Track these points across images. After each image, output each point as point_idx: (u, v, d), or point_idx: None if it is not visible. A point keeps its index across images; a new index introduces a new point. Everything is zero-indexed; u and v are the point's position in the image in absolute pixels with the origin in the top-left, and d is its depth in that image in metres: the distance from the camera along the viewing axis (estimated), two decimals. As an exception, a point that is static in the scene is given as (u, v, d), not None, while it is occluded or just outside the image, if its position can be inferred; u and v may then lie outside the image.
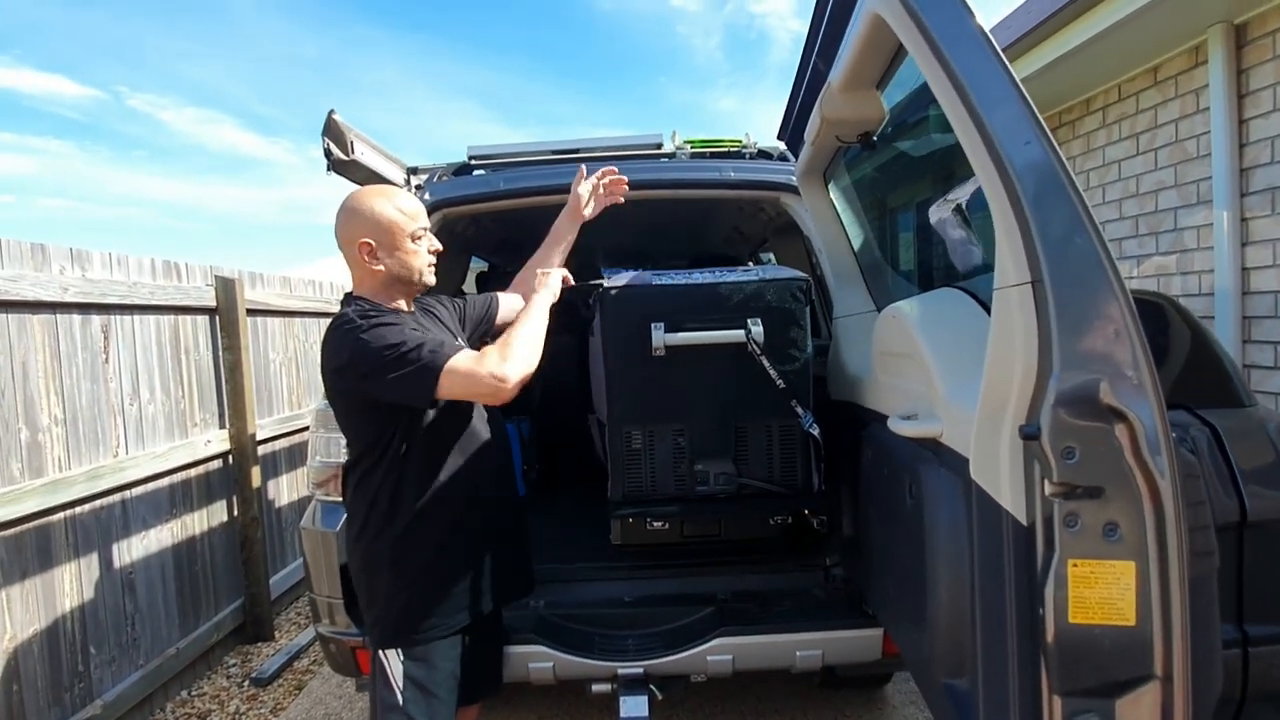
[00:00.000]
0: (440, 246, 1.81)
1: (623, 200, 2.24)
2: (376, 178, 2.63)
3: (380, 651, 1.76)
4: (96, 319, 2.95)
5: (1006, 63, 1.11)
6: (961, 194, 1.88)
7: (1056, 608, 1.03)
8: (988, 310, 1.48)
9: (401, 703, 1.72)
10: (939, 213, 2.10)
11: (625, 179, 2.22)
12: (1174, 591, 1.01)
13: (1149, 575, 1.02)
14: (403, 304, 1.80)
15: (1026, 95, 1.10)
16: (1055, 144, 1.10)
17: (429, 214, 2.69)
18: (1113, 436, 1.02)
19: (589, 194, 2.21)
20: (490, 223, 3.58)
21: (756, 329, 2.12)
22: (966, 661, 1.31)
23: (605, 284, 2.20)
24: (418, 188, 2.78)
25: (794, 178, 2.72)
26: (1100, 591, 1.03)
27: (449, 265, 3.68)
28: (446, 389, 1.56)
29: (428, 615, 1.73)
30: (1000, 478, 1.14)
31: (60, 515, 2.69)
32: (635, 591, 2.46)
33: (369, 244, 1.69)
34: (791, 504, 2.27)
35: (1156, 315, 1.54)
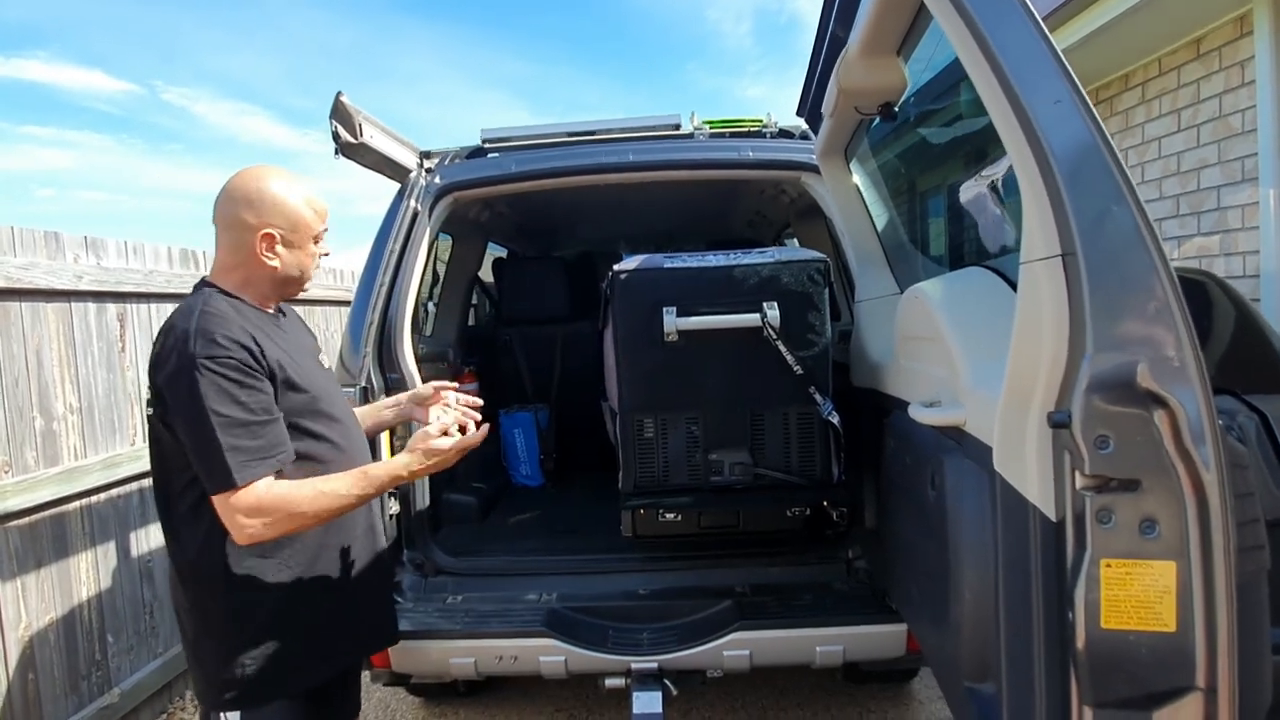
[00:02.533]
0: (329, 251, 1.66)
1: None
2: (386, 161, 2.58)
3: (212, 715, 1.56)
4: (112, 307, 2.95)
5: (1032, 10, 1.01)
6: (992, 170, 1.78)
7: (1088, 611, 0.94)
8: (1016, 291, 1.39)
9: None
10: (968, 189, 1.99)
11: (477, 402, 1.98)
12: (1219, 594, 0.92)
13: (1191, 576, 0.93)
14: (271, 305, 1.65)
15: (1056, 47, 1.00)
16: (1089, 103, 1.00)
17: (439, 198, 2.63)
18: (1152, 424, 0.93)
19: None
20: (504, 207, 3.52)
21: (773, 313, 2.03)
22: (991, 665, 1.22)
23: (615, 268, 2.12)
24: (428, 171, 2.72)
25: (815, 157, 2.62)
26: (1136, 594, 0.94)
27: (462, 251, 3.66)
28: (225, 501, 1.41)
29: (273, 671, 1.52)
30: (1026, 469, 1.05)
31: (76, 504, 2.69)
32: (650, 584, 2.40)
33: (272, 235, 1.53)
34: (810, 495, 2.19)
35: (1199, 293, 1.43)
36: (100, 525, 2.80)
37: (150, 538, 3.04)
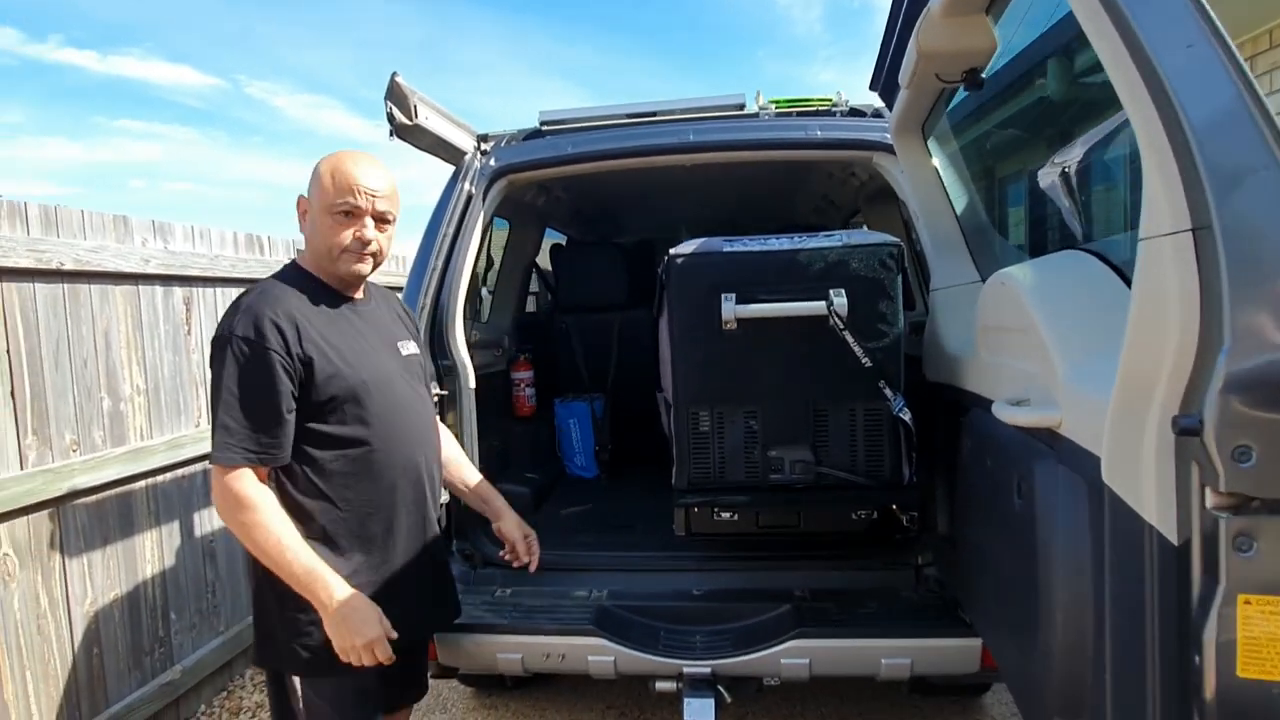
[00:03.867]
0: (372, 240, 1.61)
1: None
2: (441, 144, 2.53)
3: (283, 675, 1.63)
4: (179, 290, 3.00)
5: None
6: (1094, 141, 1.59)
7: (1220, 656, 0.79)
8: (1122, 276, 1.22)
9: None
10: (1061, 165, 1.80)
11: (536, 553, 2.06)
12: (1390, 642, 0.75)
13: (1354, 619, 0.76)
14: (351, 288, 1.68)
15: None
16: (1231, 46, 0.84)
17: (494, 180, 2.56)
18: (1308, 433, 0.77)
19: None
20: (561, 191, 3.44)
21: (839, 300, 1.88)
22: (1085, 702, 1.07)
23: (671, 251, 2.01)
24: (484, 153, 2.65)
25: (889, 135, 2.45)
26: (1284, 638, 0.78)
27: (519, 237, 3.60)
28: (213, 470, 1.51)
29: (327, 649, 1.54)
30: (1142, 482, 0.90)
31: (142, 483, 2.74)
32: (704, 584, 2.29)
33: (303, 200, 1.63)
34: (878, 497, 2.03)
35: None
36: (165, 505, 2.85)
37: (213, 518, 3.10)
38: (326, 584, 1.48)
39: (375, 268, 1.68)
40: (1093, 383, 1.05)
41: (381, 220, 1.62)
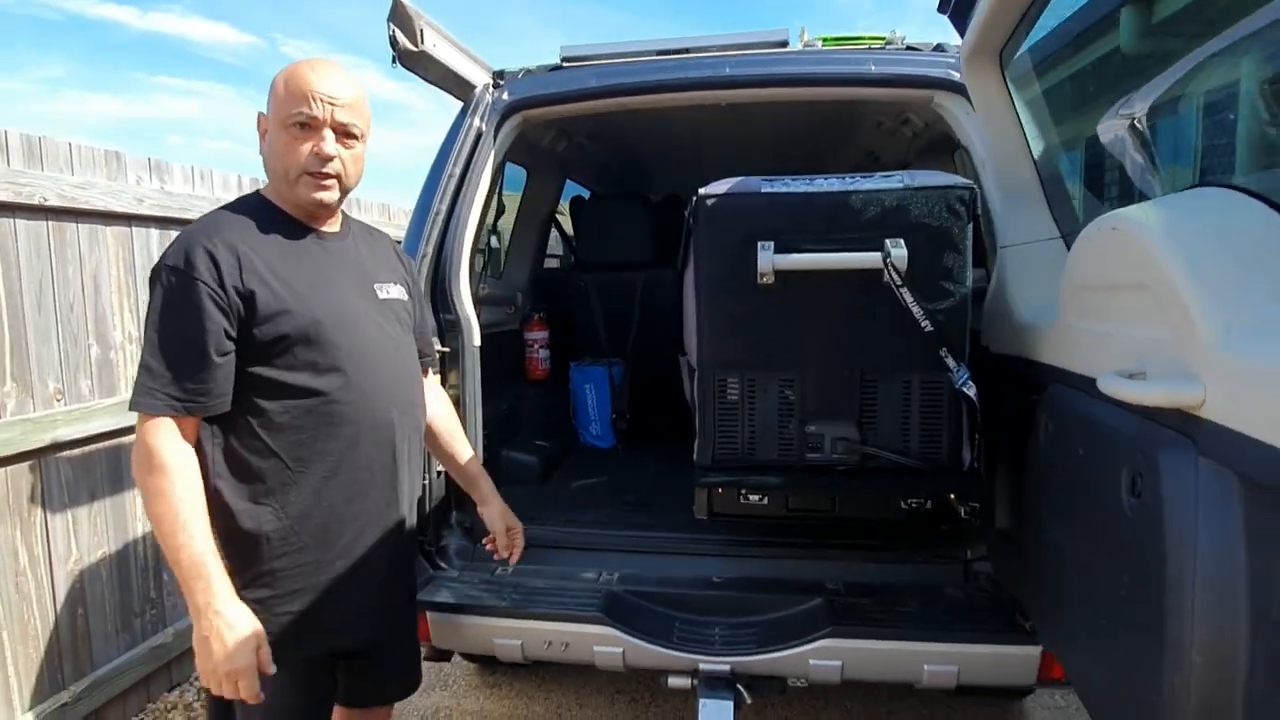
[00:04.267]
0: (334, 155, 1.37)
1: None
2: (451, 76, 2.28)
3: None
4: (176, 234, 2.81)
5: None
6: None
7: None
8: (1280, 212, 0.93)
9: None
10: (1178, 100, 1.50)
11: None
12: None
13: None
14: (318, 219, 1.45)
15: None
16: None
17: (507, 116, 2.31)
18: None
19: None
20: (583, 136, 3.16)
21: (898, 252, 1.60)
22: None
23: (701, 191, 1.74)
24: (496, 86, 2.39)
25: (954, 71, 2.15)
26: None
27: (537, 187, 3.35)
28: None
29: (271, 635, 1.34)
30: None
31: (133, 437, 2.58)
32: (726, 571, 2.06)
33: (262, 118, 1.42)
34: (931, 485, 1.76)
35: None
36: (157, 460, 2.69)
37: (211, 476, 2.94)
38: (210, 586, 1.24)
39: (343, 195, 1.44)
40: (1258, 348, 0.78)
41: (345, 134, 1.38)
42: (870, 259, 1.62)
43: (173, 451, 1.26)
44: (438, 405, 1.77)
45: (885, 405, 1.73)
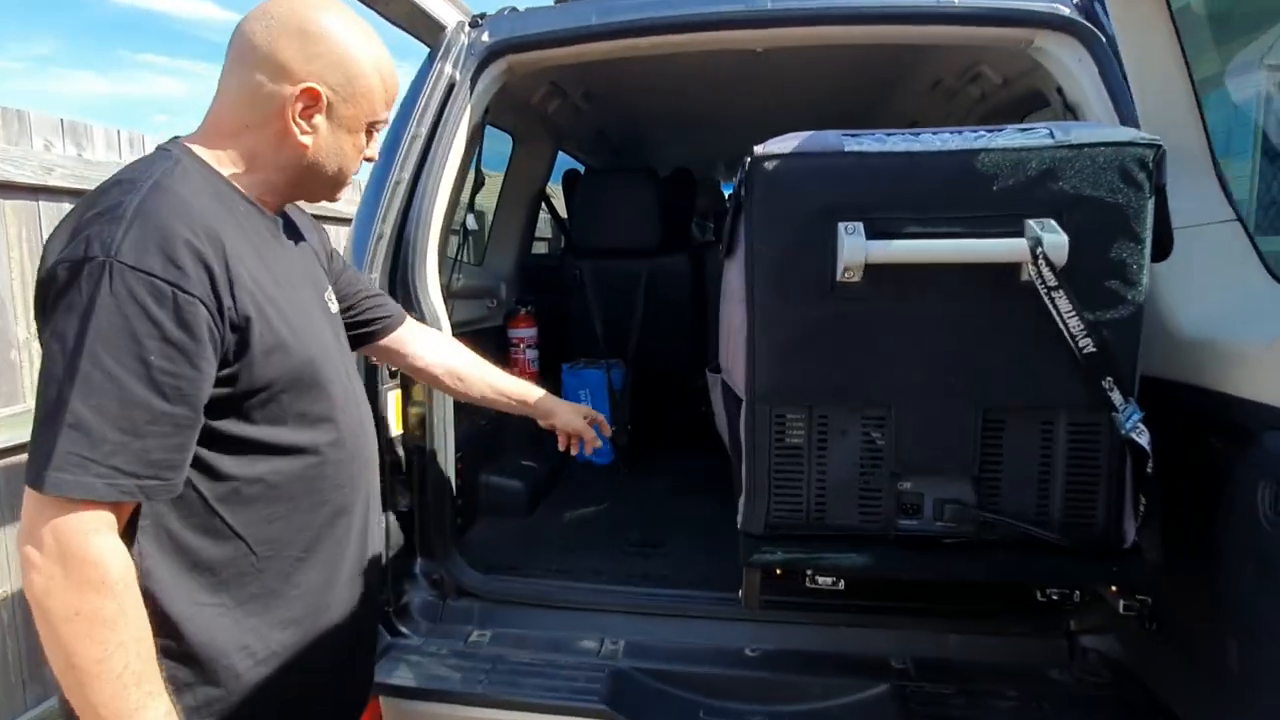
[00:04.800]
0: (375, 156, 1.14)
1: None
2: (421, 16, 1.80)
3: None
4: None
5: None
6: None
7: None
8: None
9: None
10: None
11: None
12: None
13: None
14: (273, 205, 1.07)
15: None
16: None
17: (487, 62, 1.83)
18: None
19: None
20: (580, 97, 2.65)
21: (1052, 238, 1.09)
22: None
23: (756, 150, 1.22)
24: (475, 26, 1.88)
25: (1062, 5, 1.69)
26: None
27: (525, 158, 2.88)
28: (33, 500, 0.83)
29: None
30: None
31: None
32: (763, 640, 1.62)
33: (317, 93, 0.98)
34: (1081, 568, 1.24)
35: None
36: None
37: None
38: (153, 701, 0.84)
39: None
40: None
41: None
42: (1010, 249, 1.11)
43: (118, 559, 0.84)
44: (438, 345, 1.47)
45: (1015, 455, 1.22)
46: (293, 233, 1.11)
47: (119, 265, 0.82)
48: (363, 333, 1.32)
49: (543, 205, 3.12)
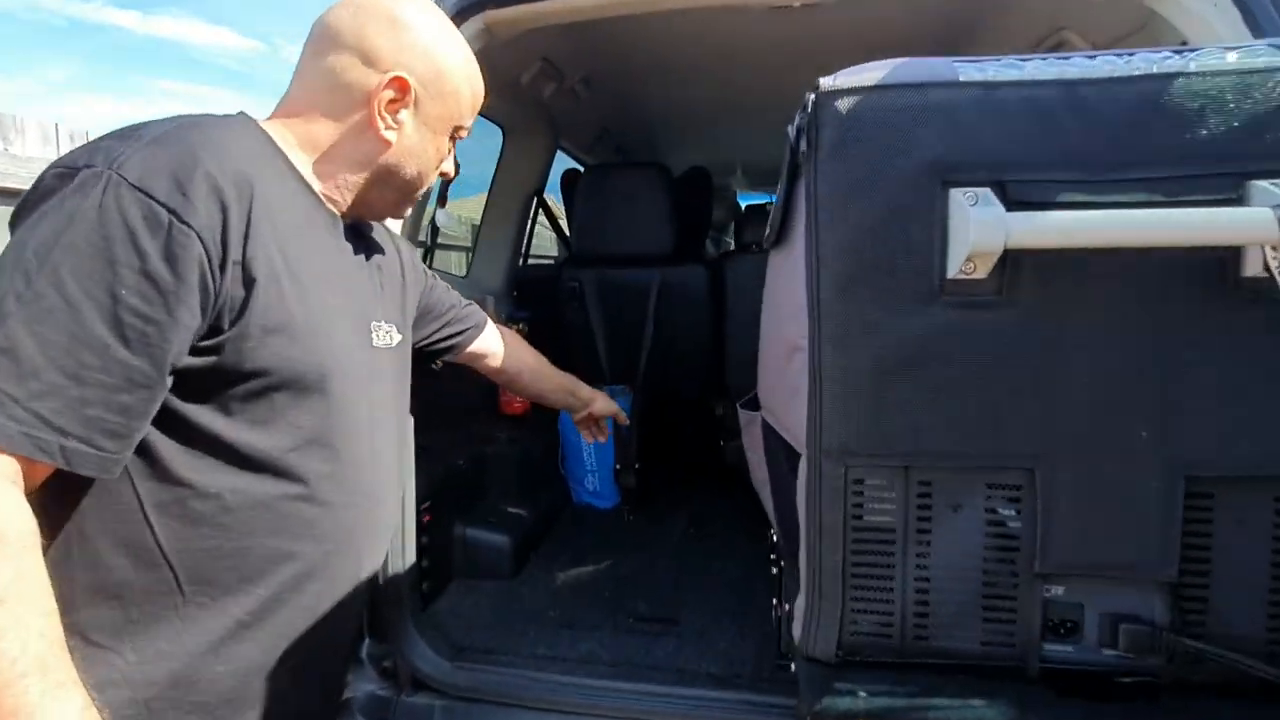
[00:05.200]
0: (451, 172, 1.06)
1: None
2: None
3: None
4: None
5: None
6: None
7: None
8: None
9: None
10: None
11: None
12: None
13: None
14: (333, 200, 0.94)
15: None
16: None
17: (457, 20, 1.50)
18: None
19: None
20: (579, 79, 2.30)
21: None
22: None
23: (822, 84, 0.82)
24: None
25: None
26: None
27: (517, 154, 2.55)
28: None
29: None
30: None
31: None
32: None
33: (407, 84, 0.91)
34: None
35: None
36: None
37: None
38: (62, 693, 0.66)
39: None
40: None
41: None
42: (1243, 225, 0.70)
43: (17, 514, 0.68)
44: (512, 346, 1.45)
45: (1234, 548, 0.79)
46: (361, 245, 0.99)
47: (117, 178, 0.71)
48: (453, 343, 1.32)
49: (539, 208, 2.76)
